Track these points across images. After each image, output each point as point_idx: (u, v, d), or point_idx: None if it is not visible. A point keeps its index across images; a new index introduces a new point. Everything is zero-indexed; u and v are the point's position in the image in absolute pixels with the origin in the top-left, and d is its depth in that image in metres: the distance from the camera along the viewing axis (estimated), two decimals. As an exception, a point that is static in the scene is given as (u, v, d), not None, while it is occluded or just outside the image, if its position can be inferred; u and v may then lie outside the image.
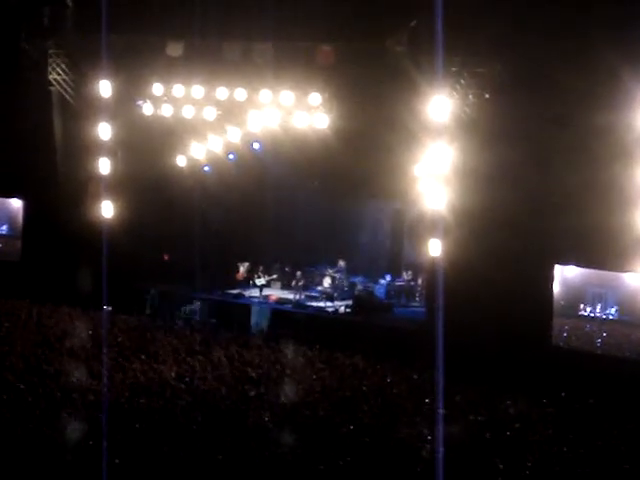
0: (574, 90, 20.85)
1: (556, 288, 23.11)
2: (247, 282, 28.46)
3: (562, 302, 24.07)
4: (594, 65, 20.60)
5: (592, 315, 24.60)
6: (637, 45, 20.31)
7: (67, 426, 16.66)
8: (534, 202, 21.59)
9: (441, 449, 15.89)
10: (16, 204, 31.01)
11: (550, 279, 22.55)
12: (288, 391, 19.57)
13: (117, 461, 15.10)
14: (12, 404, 17.93)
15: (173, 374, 20.46)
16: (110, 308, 24.63)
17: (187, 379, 20.19)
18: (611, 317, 24.47)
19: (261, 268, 28.58)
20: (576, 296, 24.75)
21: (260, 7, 24.62)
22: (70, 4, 27.12)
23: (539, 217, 21.51)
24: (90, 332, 23.16)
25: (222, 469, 15.26)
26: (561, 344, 22.78)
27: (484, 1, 22.06)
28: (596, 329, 23.61)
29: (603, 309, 24.71)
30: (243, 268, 28.85)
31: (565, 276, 24.21)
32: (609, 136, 20.54)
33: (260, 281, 28.30)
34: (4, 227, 31.97)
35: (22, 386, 18.97)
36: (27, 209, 29.66)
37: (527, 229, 21.71)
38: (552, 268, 22.54)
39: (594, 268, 23.20)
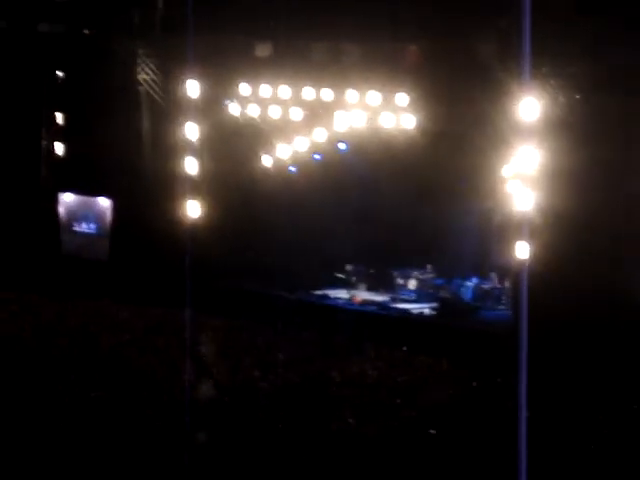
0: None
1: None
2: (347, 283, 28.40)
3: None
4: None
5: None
6: None
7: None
8: (626, 203, 21.13)
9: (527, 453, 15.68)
10: (104, 203, 31.27)
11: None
12: (370, 393, 19.49)
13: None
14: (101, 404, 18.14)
15: (256, 373, 20.53)
16: None
17: (270, 377, 20.22)
18: None
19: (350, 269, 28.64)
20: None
21: (346, 8, 24.59)
22: (160, 6, 27.42)
23: (633, 219, 21.05)
24: (173, 332, 23.35)
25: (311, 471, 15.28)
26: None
27: (573, 1, 21.70)
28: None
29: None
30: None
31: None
32: None
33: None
34: (92, 226, 32.23)
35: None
36: (115, 209, 29.99)
37: (619, 231, 21.22)
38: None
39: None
